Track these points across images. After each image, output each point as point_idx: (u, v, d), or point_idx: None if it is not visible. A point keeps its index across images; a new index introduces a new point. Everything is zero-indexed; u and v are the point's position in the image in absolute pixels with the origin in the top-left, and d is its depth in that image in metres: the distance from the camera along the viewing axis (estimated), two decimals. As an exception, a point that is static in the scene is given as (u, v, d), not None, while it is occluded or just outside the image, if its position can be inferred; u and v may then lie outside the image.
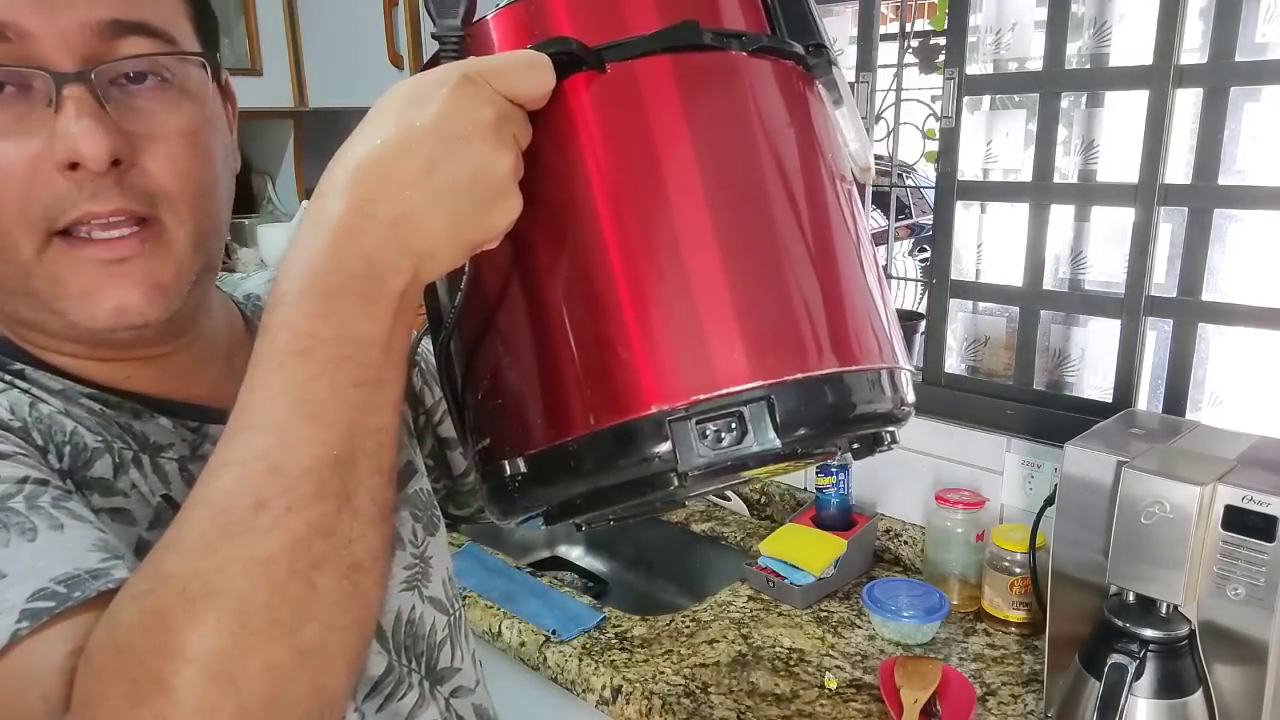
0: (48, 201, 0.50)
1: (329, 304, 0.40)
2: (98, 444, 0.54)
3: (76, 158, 0.49)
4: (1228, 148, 1.22)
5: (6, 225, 0.50)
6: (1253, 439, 1.07)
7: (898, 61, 1.67)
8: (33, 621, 0.41)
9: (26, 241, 0.50)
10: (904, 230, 4.13)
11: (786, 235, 0.45)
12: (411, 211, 0.41)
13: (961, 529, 1.42)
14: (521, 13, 0.45)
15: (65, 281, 0.52)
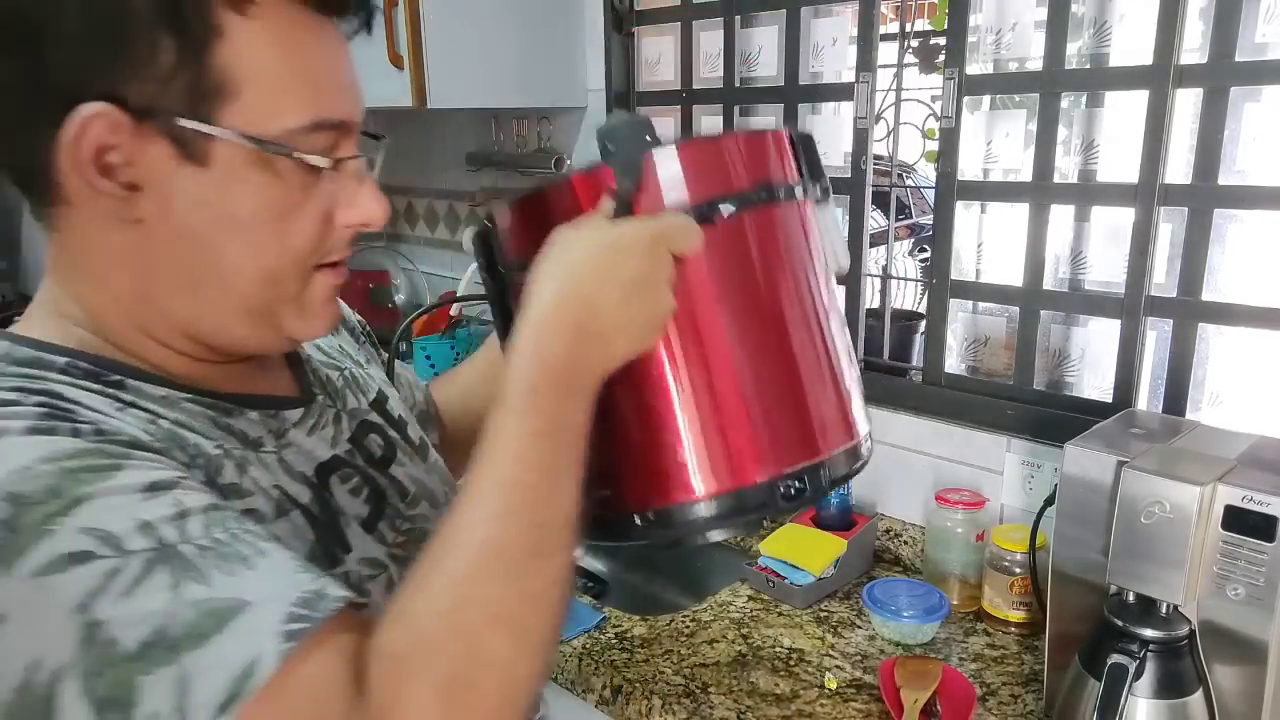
0: (327, 247, 0.62)
1: (564, 402, 0.55)
2: (216, 450, 0.61)
3: (373, 221, 0.63)
4: (1228, 148, 1.22)
5: (293, 264, 0.61)
6: (1253, 439, 1.07)
7: (898, 61, 1.67)
8: (297, 642, 0.48)
9: (299, 277, 0.62)
10: (904, 230, 4.13)
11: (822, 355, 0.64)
12: (609, 333, 0.56)
13: (961, 529, 1.42)
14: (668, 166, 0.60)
15: (313, 307, 0.64)
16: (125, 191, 0.56)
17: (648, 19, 1.85)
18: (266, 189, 0.58)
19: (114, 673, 0.46)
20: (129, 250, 0.59)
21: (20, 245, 1.86)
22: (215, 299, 0.60)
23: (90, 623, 0.46)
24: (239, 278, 0.60)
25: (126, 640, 0.47)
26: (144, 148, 0.55)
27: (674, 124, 1.85)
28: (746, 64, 1.74)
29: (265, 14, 0.56)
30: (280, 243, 0.60)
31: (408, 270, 2.51)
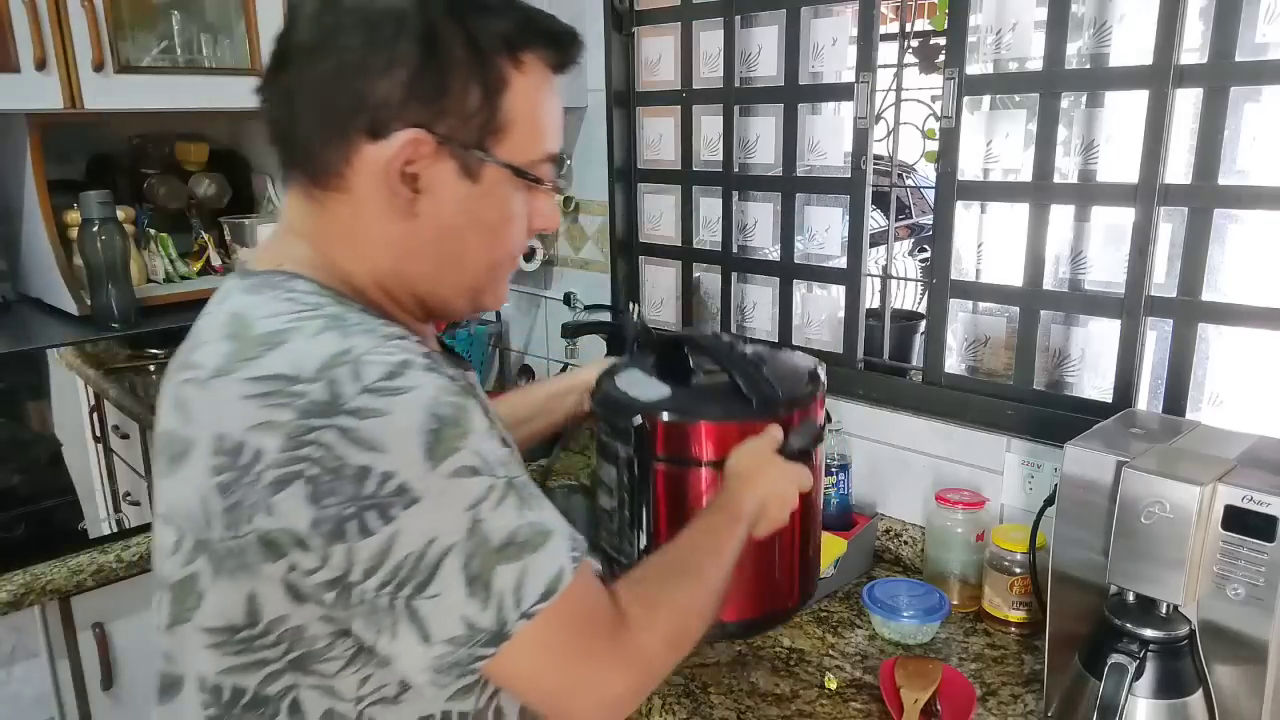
0: (522, 245, 0.82)
1: (741, 526, 0.90)
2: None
3: (553, 228, 0.85)
4: (1228, 148, 1.22)
5: (508, 260, 0.82)
6: (1253, 439, 1.07)
7: (898, 61, 1.67)
8: (578, 564, 0.70)
9: (507, 268, 0.82)
10: (904, 230, 4.13)
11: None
12: (772, 512, 0.94)
13: (961, 529, 1.42)
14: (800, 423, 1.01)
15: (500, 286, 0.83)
16: (412, 194, 0.73)
17: (648, 19, 1.85)
18: (508, 202, 0.77)
19: (482, 558, 0.65)
20: (399, 236, 0.75)
21: (20, 245, 1.85)
22: (452, 278, 0.79)
23: (475, 519, 0.65)
24: (475, 265, 0.79)
25: (493, 538, 0.66)
26: (437, 165, 0.72)
27: (674, 124, 1.86)
28: (746, 64, 1.74)
29: (529, 71, 0.74)
30: (506, 242, 0.79)
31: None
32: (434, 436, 0.64)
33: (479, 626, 0.65)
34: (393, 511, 0.62)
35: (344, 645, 0.68)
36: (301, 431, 0.63)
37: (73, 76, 1.59)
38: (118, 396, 1.69)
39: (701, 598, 0.82)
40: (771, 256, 1.78)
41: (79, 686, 1.57)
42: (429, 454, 0.63)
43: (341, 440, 0.62)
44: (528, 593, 0.66)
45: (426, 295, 0.79)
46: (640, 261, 2.00)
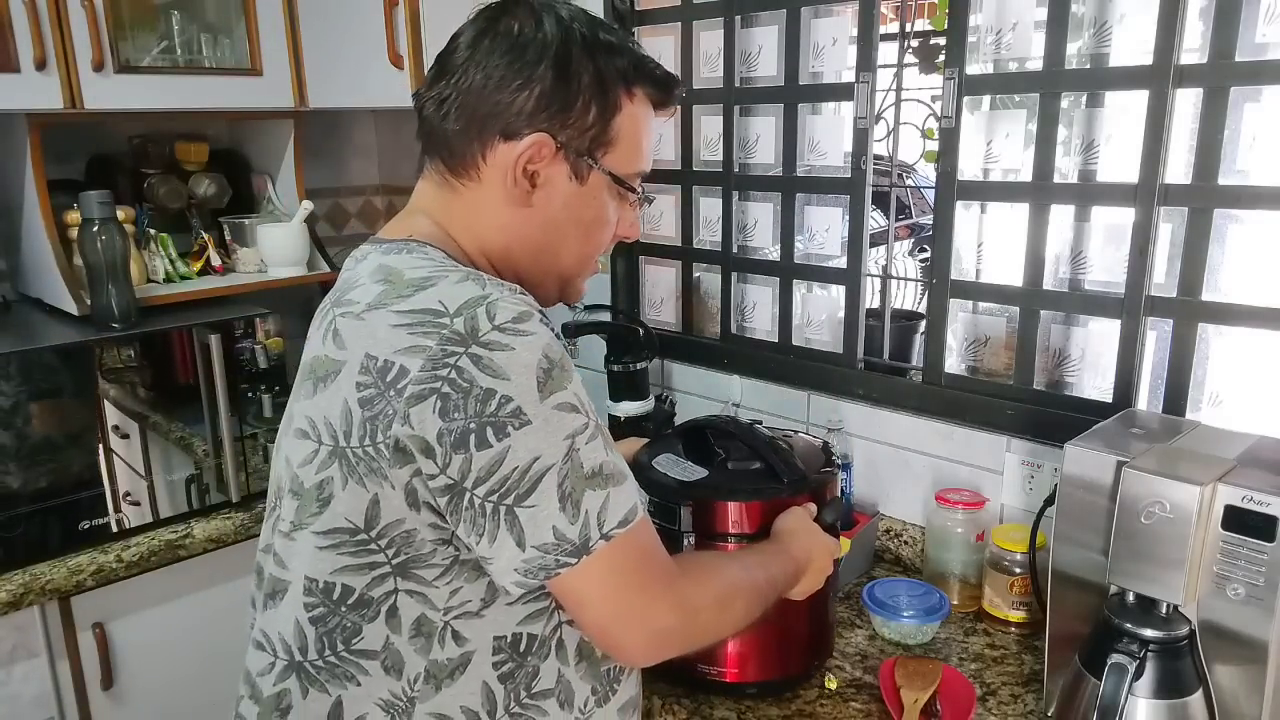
0: (607, 248, 0.97)
1: (790, 563, 1.04)
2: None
3: (634, 237, 0.98)
4: (1228, 148, 1.22)
5: (595, 255, 0.96)
6: (1253, 439, 1.07)
7: (898, 61, 1.67)
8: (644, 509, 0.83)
9: (592, 264, 0.97)
10: (904, 230, 4.13)
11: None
12: (812, 572, 1.08)
13: (961, 529, 1.42)
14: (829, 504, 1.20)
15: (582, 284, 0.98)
16: (530, 188, 0.88)
17: (648, 19, 1.85)
18: (605, 206, 0.92)
19: (574, 480, 0.77)
20: (513, 221, 0.90)
21: (20, 245, 1.85)
22: (548, 264, 0.93)
23: (572, 448, 0.77)
24: (569, 255, 0.93)
25: (586, 466, 0.78)
26: (553, 166, 0.88)
27: (674, 124, 1.86)
28: (746, 64, 1.74)
29: (638, 102, 0.90)
30: (596, 240, 0.94)
31: (408, 270, 2.51)
32: (546, 374, 0.76)
33: (567, 538, 0.76)
34: (508, 430, 0.74)
35: (444, 554, 0.79)
36: (442, 355, 0.75)
37: (73, 76, 1.59)
38: (118, 396, 1.69)
39: (748, 588, 0.93)
40: (771, 256, 1.78)
41: (79, 686, 1.57)
42: (541, 387, 0.75)
43: (473, 366, 0.74)
44: (610, 517, 0.78)
45: (524, 275, 0.92)
46: (640, 261, 2.00)
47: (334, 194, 2.48)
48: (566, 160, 0.88)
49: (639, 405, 1.75)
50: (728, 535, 1.13)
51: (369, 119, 2.52)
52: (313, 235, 2.17)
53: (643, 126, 0.91)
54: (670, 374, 1.92)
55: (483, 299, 0.78)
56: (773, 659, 1.18)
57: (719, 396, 1.82)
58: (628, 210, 0.95)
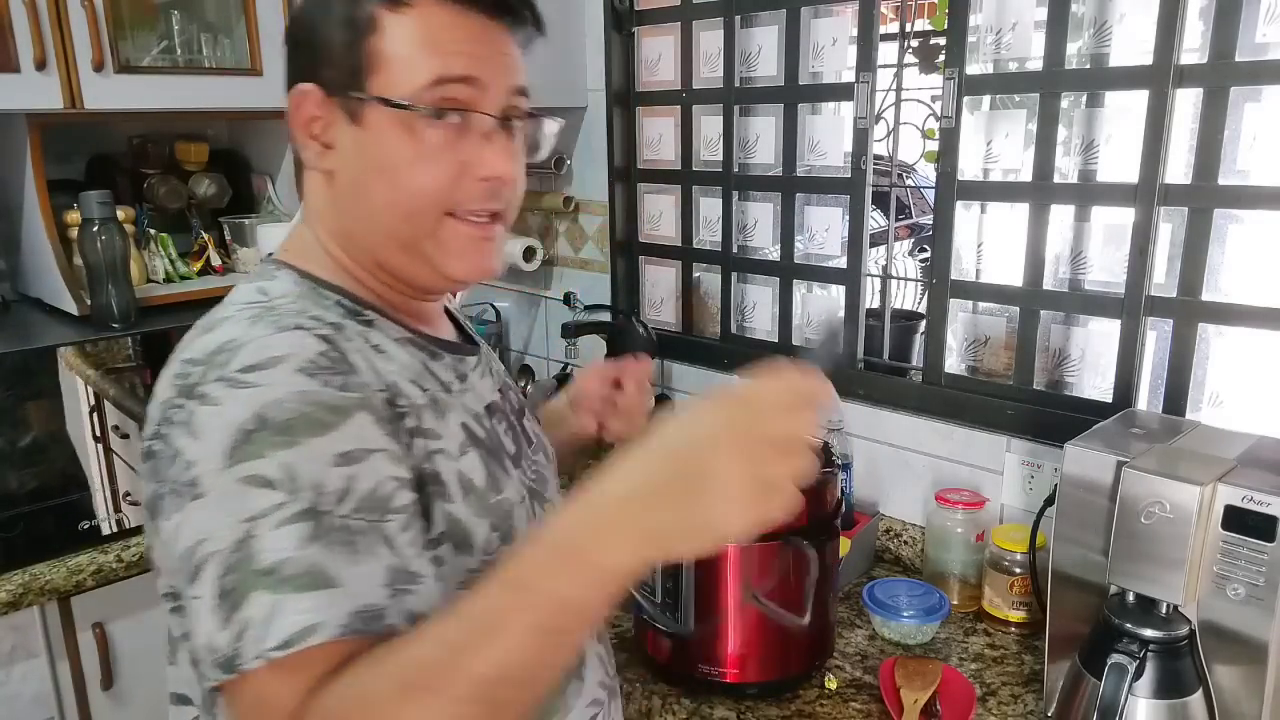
0: (459, 196, 0.75)
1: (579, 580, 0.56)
2: (422, 399, 0.75)
3: (498, 176, 0.76)
4: (1228, 148, 1.22)
5: (426, 205, 0.75)
6: (1253, 439, 1.07)
7: (898, 61, 1.67)
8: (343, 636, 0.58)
9: (433, 217, 0.75)
10: (904, 230, 4.13)
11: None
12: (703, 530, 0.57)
13: (961, 529, 1.42)
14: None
15: (450, 247, 0.76)
16: (323, 149, 0.76)
17: (648, 19, 1.85)
18: (401, 142, 0.73)
19: (240, 575, 0.59)
20: (331, 198, 0.77)
21: (20, 245, 1.85)
22: (377, 232, 0.76)
23: (248, 533, 0.59)
24: (390, 215, 0.75)
25: (261, 559, 0.59)
26: (331, 116, 0.75)
27: (674, 124, 1.86)
28: (746, 64, 1.74)
29: (416, 10, 0.73)
30: (411, 186, 0.74)
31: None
32: (245, 437, 0.61)
33: (215, 646, 0.59)
34: (182, 501, 0.62)
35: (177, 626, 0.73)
36: (167, 409, 0.67)
37: (73, 76, 1.58)
38: (118, 396, 1.69)
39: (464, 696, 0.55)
40: (771, 256, 1.78)
41: (79, 686, 1.57)
42: (230, 453, 0.61)
43: (181, 422, 0.65)
44: (271, 629, 0.57)
45: (382, 261, 0.78)
46: (640, 261, 2.00)
47: (334, 194, 2.48)
48: (339, 105, 0.74)
49: (639, 405, 1.75)
50: None
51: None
52: (313, 235, 2.17)
53: (423, 32, 0.73)
54: (670, 374, 1.92)
55: (231, 343, 0.66)
56: (773, 659, 1.18)
57: (719, 396, 1.82)
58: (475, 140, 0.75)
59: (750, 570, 1.14)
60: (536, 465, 0.91)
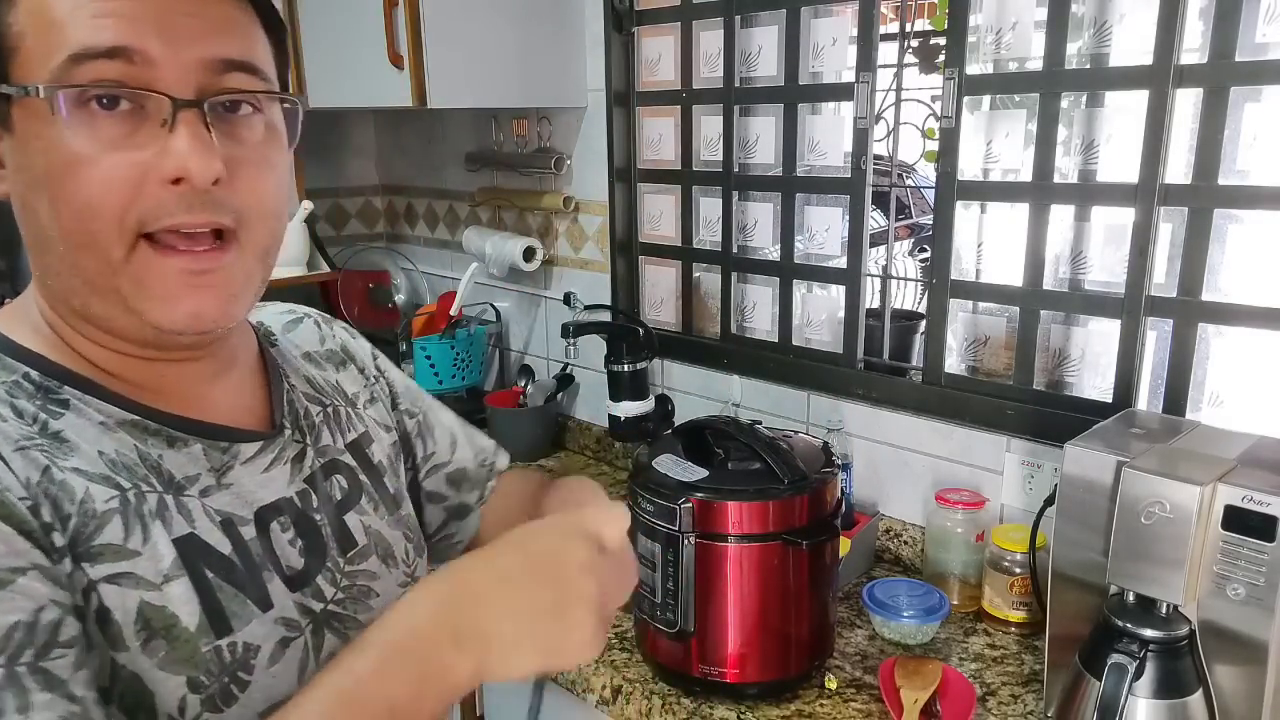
0: (145, 209, 0.57)
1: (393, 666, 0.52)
2: (110, 503, 0.58)
3: (186, 174, 0.56)
4: (1228, 148, 1.22)
5: (103, 227, 0.56)
6: (1253, 439, 1.07)
7: (898, 61, 1.67)
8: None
9: (119, 243, 0.57)
10: (904, 230, 4.13)
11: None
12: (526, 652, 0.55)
13: (961, 529, 1.42)
14: None
15: (149, 284, 0.58)
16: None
17: (648, 19, 1.85)
18: (54, 143, 0.56)
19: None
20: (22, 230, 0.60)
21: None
22: (60, 271, 0.60)
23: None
24: (57, 242, 0.58)
25: None
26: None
27: (674, 124, 1.86)
28: (746, 64, 1.74)
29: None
30: (74, 200, 0.56)
31: (407, 270, 2.51)
32: None
33: None
34: None
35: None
36: None
37: (72, 76, 1.58)
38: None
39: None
40: (771, 256, 1.78)
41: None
42: None
43: None
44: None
45: (79, 309, 0.61)
46: (640, 261, 2.00)
47: (333, 194, 2.49)
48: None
49: (639, 405, 1.75)
50: (727, 536, 1.13)
51: (369, 119, 2.52)
52: (312, 235, 2.17)
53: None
54: (670, 374, 1.92)
55: None
56: (773, 659, 1.18)
57: (719, 396, 1.82)
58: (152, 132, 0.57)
59: (750, 569, 1.14)
60: (354, 578, 0.72)
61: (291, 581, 0.67)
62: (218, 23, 0.59)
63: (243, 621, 0.61)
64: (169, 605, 0.58)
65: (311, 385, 0.80)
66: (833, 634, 1.27)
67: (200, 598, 0.60)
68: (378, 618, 0.57)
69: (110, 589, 0.56)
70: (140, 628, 0.57)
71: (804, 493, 1.14)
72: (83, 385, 0.61)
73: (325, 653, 0.67)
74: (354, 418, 0.82)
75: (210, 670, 0.59)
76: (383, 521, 0.78)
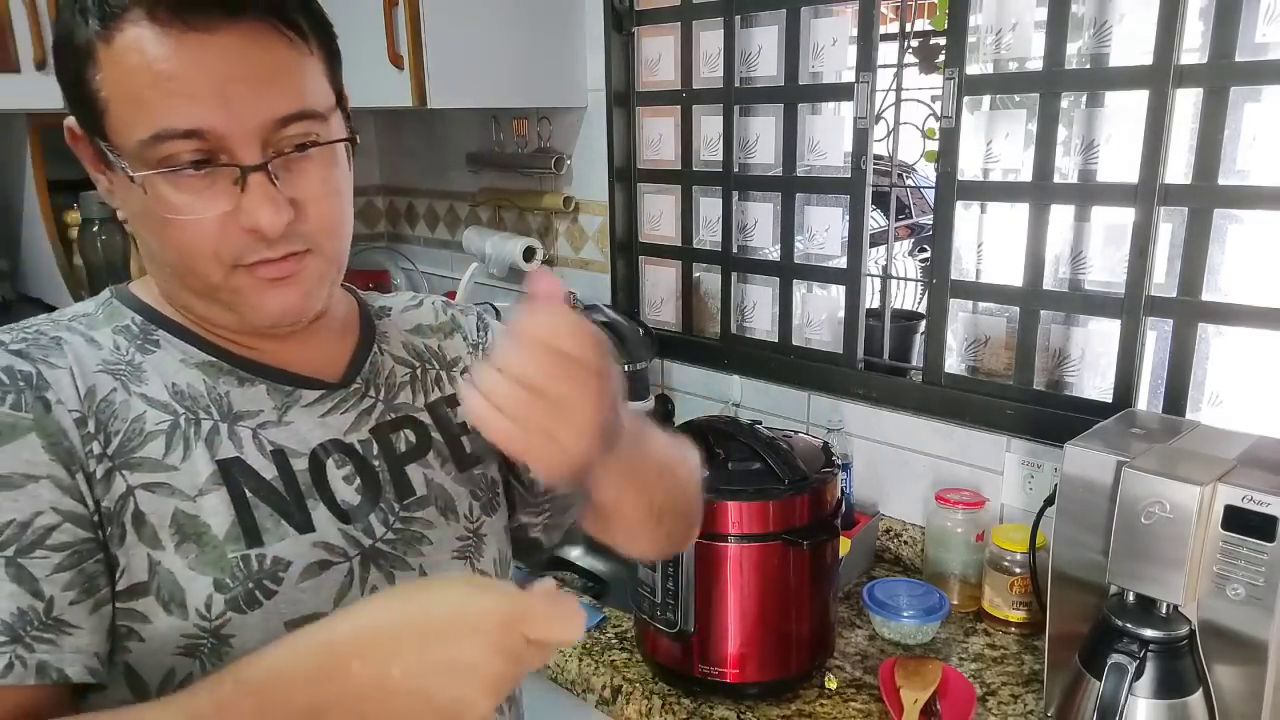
0: (234, 250, 0.66)
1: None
2: (160, 425, 0.67)
3: (258, 229, 0.65)
4: (1228, 148, 1.22)
5: (201, 262, 0.66)
6: (1253, 439, 1.07)
7: (898, 61, 1.67)
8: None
9: (216, 271, 0.67)
10: (904, 230, 4.13)
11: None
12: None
13: (961, 529, 1.42)
14: None
15: (244, 294, 0.68)
16: (108, 185, 0.68)
17: (648, 19, 1.85)
18: (138, 196, 0.65)
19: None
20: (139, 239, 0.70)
21: (20, 245, 1.86)
22: (167, 277, 0.70)
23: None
24: (164, 265, 0.69)
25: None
26: (88, 154, 0.68)
27: (674, 124, 1.86)
28: (746, 64, 1.74)
29: (126, 38, 0.61)
30: (174, 242, 0.66)
31: (407, 270, 2.51)
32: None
33: None
34: None
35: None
36: None
37: (72, 76, 1.59)
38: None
39: None
40: (771, 256, 1.78)
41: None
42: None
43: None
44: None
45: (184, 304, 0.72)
46: (640, 261, 2.00)
47: (334, 194, 2.48)
48: (90, 144, 0.67)
49: (639, 405, 1.75)
50: (728, 536, 1.13)
51: (369, 119, 2.52)
52: (313, 235, 2.17)
53: (143, 68, 0.61)
54: (670, 374, 1.92)
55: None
56: (773, 659, 1.18)
57: (719, 396, 1.82)
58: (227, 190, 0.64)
59: (749, 568, 1.14)
60: (408, 523, 0.76)
61: (343, 514, 0.73)
62: (271, 78, 0.64)
63: (275, 538, 0.68)
64: (201, 515, 0.66)
65: (409, 350, 0.85)
66: (833, 634, 1.27)
67: (235, 511, 0.67)
68: (425, 563, 0.73)
69: (146, 495, 0.64)
70: (174, 531, 0.64)
71: (804, 493, 1.14)
72: (176, 331, 0.72)
73: (369, 586, 0.72)
74: (445, 379, 0.86)
75: (235, 575, 0.66)
76: (448, 477, 0.81)
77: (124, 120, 0.63)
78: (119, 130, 0.63)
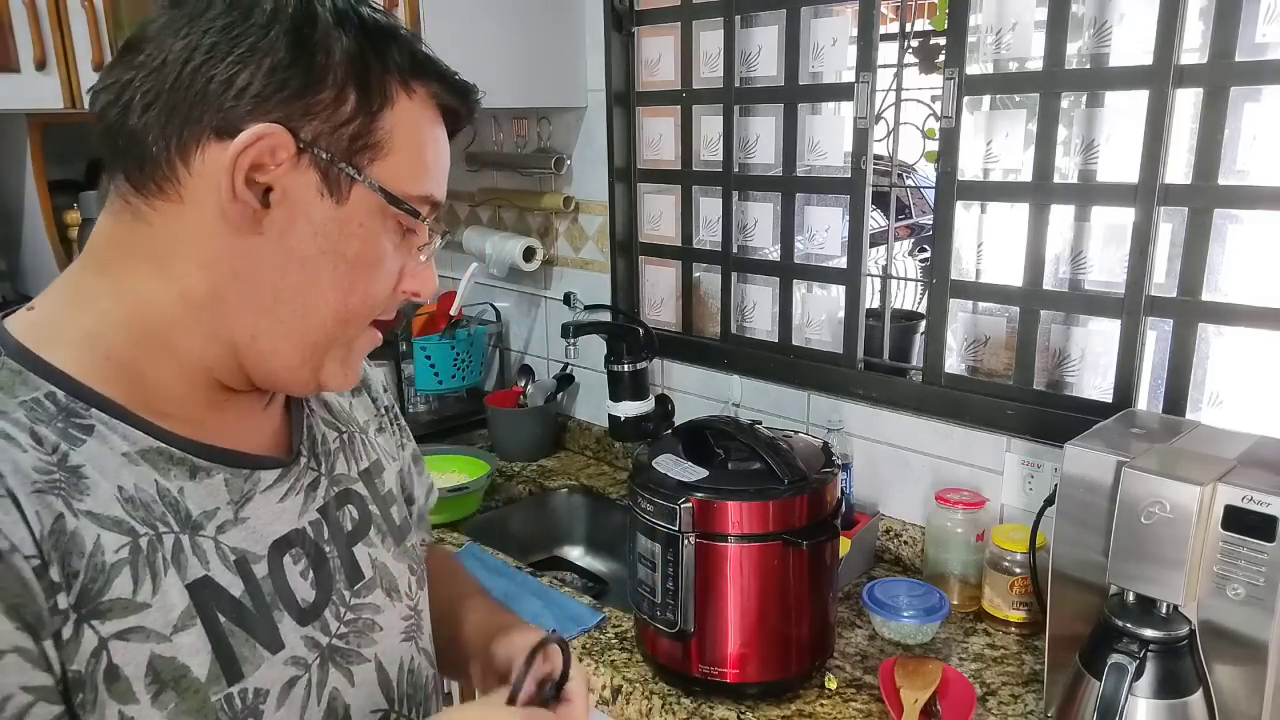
0: (387, 305, 0.69)
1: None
2: (120, 553, 0.57)
3: (420, 294, 0.70)
4: (1228, 148, 1.22)
5: (366, 309, 0.67)
6: (1253, 439, 1.07)
7: (898, 61, 1.67)
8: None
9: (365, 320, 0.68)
10: (904, 230, 4.13)
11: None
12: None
13: (961, 529, 1.42)
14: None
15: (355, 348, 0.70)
16: (259, 206, 0.61)
17: (648, 19, 1.85)
18: (376, 238, 0.65)
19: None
20: (232, 255, 0.62)
21: (20, 245, 1.86)
22: (289, 321, 0.64)
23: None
24: (322, 307, 0.65)
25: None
26: (295, 174, 0.61)
27: (674, 124, 1.86)
28: (746, 64, 1.74)
29: (418, 100, 0.65)
30: (364, 289, 0.66)
31: (408, 270, 2.51)
32: None
33: None
34: None
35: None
36: None
37: (73, 76, 1.59)
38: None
39: None
40: (771, 256, 1.78)
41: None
42: None
43: None
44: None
45: (244, 344, 0.64)
46: (640, 261, 2.00)
47: (334, 194, 2.48)
48: (315, 167, 0.61)
49: (639, 405, 1.75)
50: (727, 536, 1.13)
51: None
52: (313, 235, 2.17)
53: (427, 137, 0.66)
54: (670, 374, 1.92)
55: None
56: (773, 659, 1.19)
57: (719, 396, 1.82)
58: (413, 254, 0.68)
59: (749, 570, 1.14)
60: (359, 610, 0.73)
61: (303, 615, 0.68)
62: None
63: (253, 666, 0.62)
64: (179, 655, 0.58)
65: (329, 411, 0.80)
66: (833, 634, 1.27)
67: (212, 645, 0.60)
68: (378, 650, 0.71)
69: (119, 645, 0.56)
70: (150, 680, 0.57)
71: (804, 493, 1.14)
72: (107, 407, 0.60)
73: (328, 688, 0.68)
74: (367, 445, 0.82)
75: (214, 717, 0.60)
76: (389, 554, 0.78)
77: (406, 168, 0.65)
78: (395, 174, 0.64)
